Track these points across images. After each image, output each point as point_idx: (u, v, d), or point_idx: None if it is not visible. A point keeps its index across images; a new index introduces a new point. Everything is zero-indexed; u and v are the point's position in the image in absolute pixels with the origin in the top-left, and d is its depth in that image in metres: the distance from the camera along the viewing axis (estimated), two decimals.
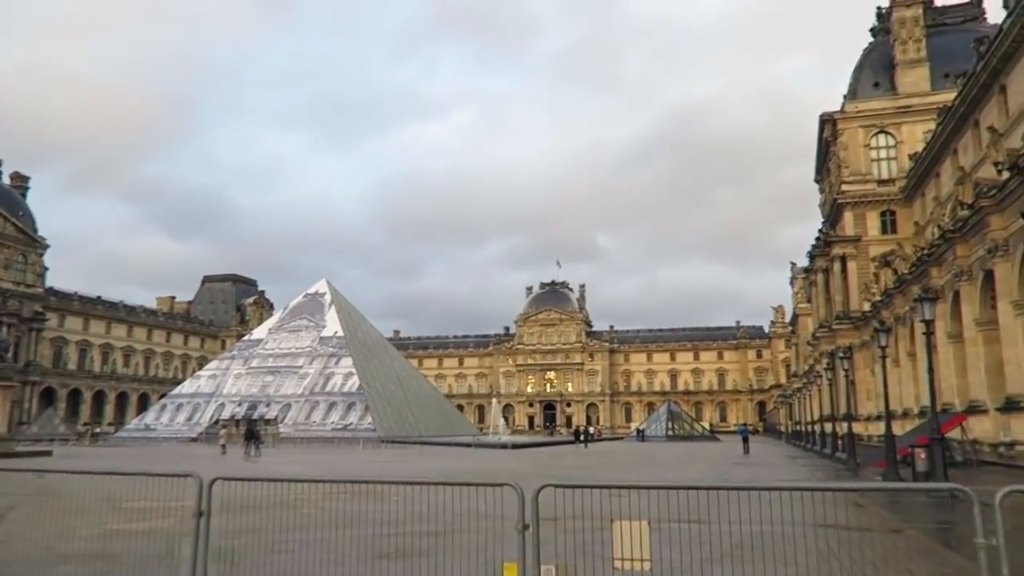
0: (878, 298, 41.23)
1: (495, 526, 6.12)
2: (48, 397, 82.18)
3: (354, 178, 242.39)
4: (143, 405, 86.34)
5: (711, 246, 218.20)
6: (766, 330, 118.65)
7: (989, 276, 24.23)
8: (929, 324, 13.33)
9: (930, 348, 14.59)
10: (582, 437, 52.56)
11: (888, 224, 48.58)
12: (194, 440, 51.57)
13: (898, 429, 35.90)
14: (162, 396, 71.56)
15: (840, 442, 28.41)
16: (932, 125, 43.17)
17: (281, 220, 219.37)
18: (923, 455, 14.50)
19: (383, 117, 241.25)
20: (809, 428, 44.51)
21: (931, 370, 13.98)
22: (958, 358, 27.05)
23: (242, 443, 35.43)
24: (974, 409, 25.17)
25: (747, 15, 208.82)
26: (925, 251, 30.44)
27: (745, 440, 38.60)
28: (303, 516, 8.98)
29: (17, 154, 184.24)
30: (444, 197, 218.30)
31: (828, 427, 38.80)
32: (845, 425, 32.65)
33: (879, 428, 40.44)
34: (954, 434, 23.83)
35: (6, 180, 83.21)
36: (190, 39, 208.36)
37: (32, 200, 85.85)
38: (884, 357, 19.82)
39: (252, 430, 36.23)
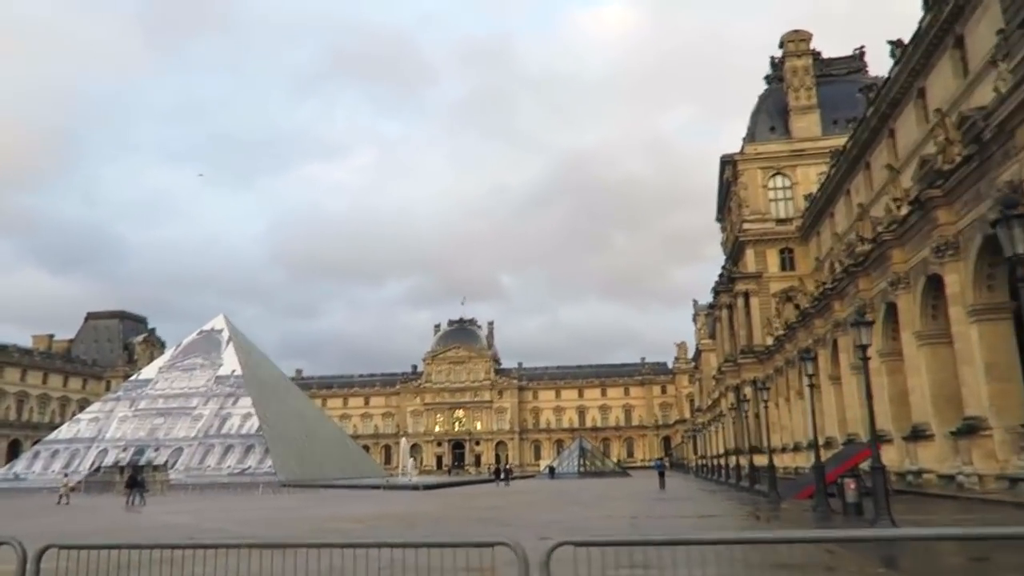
0: (781, 332, 42.44)
1: None
2: None
3: (250, 216, 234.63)
4: (14, 453, 78.77)
5: (609, 286, 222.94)
6: (670, 366, 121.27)
7: (891, 308, 25.06)
8: (865, 349, 13.21)
9: (867, 372, 14.54)
10: (503, 475, 51.63)
11: (787, 261, 50.46)
12: (71, 490, 47.13)
13: (803, 460, 36.67)
14: (36, 442, 65.44)
15: (756, 474, 28.47)
16: (825, 168, 45.33)
17: (173, 257, 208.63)
18: (852, 485, 14.32)
19: (280, 156, 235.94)
20: (719, 462, 44.95)
21: (869, 395, 13.86)
22: (863, 388, 27.72)
23: (125, 492, 32.31)
24: (879, 439, 25.69)
25: (633, 71, 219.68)
26: (828, 285, 31.38)
27: (661, 475, 38.43)
28: None
29: None
30: (343, 236, 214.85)
31: (735, 460, 39.24)
32: (756, 458, 33.01)
33: (784, 460, 41.36)
34: (866, 464, 24.23)
35: None
36: (73, 72, 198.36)
37: None
38: (812, 385, 19.93)
39: (136, 477, 33.15)
